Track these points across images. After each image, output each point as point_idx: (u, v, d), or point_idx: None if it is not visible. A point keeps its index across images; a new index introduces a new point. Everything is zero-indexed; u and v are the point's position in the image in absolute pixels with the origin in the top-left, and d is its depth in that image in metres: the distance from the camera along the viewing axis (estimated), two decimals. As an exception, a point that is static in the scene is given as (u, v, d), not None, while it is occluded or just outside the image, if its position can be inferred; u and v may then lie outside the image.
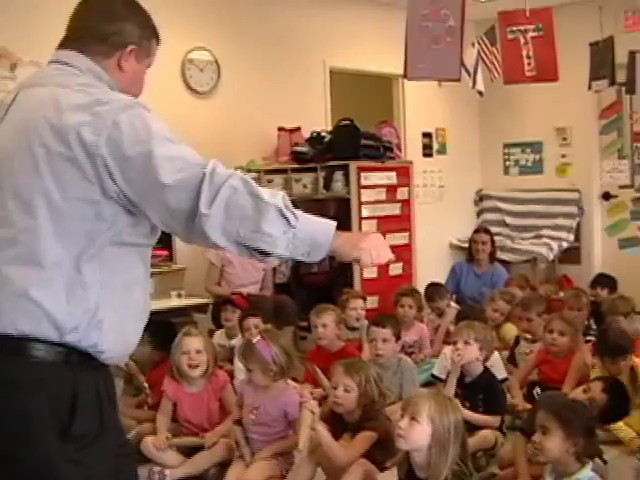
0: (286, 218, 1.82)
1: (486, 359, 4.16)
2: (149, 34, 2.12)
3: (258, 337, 3.78)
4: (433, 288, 6.07)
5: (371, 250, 2.00)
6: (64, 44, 2.05)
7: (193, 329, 4.21)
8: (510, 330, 5.41)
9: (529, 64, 6.00)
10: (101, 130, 1.80)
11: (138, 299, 2.00)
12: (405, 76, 5.94)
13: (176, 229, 1.87)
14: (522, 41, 5.91)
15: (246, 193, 1.80)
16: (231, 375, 4.55)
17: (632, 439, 3.95)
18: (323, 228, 1.91)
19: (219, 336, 5.28)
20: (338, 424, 3.56)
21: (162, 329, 4.36)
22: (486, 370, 4.12)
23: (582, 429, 2.95)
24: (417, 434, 2.83)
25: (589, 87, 6.78)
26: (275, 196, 1.83)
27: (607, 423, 3.86)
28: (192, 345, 4.02)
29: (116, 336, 1.92)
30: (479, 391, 4.00)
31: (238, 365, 4.69)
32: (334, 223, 1.93)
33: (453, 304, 6.05)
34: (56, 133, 1.82)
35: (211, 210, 1.77)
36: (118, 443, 2.00)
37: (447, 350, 4.56)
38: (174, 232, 1.91)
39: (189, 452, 3.94)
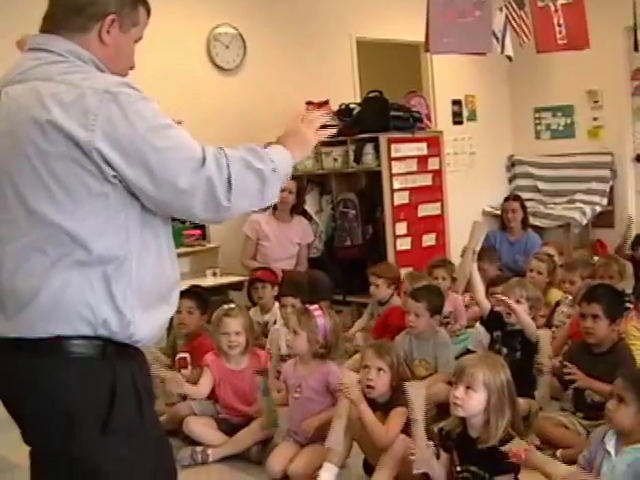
0: (276, 173, 1.94)
1: (533, 318, 4.21)
2: (132, 1, 1.97)
3: (316, 305, 3.80)
4: (486, 250, 5.76)
5: (314, 133, 2.16)
6: (42, 25, 1.94)
7: (234, 309, 4.17)
8: (556, 295, 5.27)
9: (560, 32, 5.89)
10: (93, 126, 1.74)
11: (168, 275, 1.97)
12: (427, 50, 5.87)
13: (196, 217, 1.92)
14: (552, 9, 5.80)
15: (246, 168, 1.87)
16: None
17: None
18: (287, 162, 2.03)
19: (253, 313, 5.33)
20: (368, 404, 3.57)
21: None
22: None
23: None
24: (474, 401, 2.90)
25: (635, 48, 6.53)
26: (262, 159, 1.90)
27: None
28: (232, 327, 4.03)
29: (148, 321, 1.90)
30: (518, 335, 4.08)
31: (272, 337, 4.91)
32: (284, 149, 2.04)
33: None
34: (48, 134, 1.76)
35: (231, 203, 1.85)
36: (157, 431, 2.02)
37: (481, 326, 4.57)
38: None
39: (231, 431, 3.98)
